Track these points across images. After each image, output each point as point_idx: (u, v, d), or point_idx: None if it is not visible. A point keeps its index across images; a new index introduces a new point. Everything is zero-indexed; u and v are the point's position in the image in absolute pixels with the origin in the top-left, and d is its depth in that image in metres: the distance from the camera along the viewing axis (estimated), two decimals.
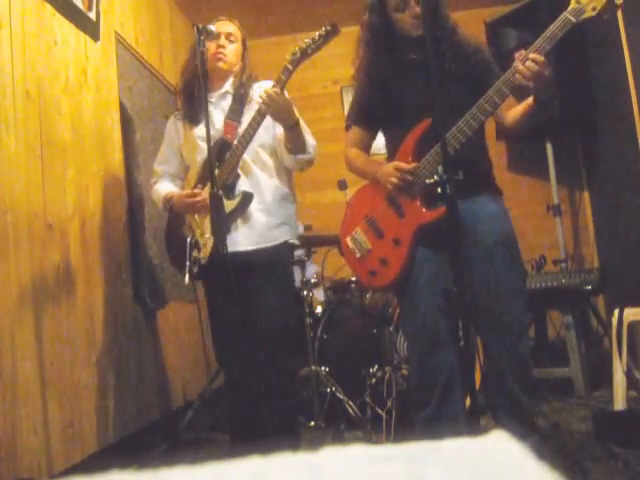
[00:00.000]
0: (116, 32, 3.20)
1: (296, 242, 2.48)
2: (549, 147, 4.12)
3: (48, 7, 2.55)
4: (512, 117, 2.04)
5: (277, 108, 2.16)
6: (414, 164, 1.96)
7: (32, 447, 2.09)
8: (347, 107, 4.99)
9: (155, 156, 2.69)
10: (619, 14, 2.99)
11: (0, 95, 2.17)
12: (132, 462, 2.50)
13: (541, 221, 4.25)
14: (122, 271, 2.98)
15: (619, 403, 2.70)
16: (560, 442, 2.50)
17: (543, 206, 4.16)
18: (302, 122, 2.37)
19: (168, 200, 2.44)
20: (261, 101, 2.16)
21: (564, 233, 4.17)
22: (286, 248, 2.42)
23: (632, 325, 2.72)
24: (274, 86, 2.16)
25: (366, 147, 2.26)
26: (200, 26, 2.10)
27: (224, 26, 2.45)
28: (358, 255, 2.14)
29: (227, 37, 2.45)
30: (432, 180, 1.79)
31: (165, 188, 2.51)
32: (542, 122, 2.13)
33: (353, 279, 3.56)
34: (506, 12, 4.09)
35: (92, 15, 2.91)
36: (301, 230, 3.88)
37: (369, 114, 2.21)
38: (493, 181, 2.15)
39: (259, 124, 2.21)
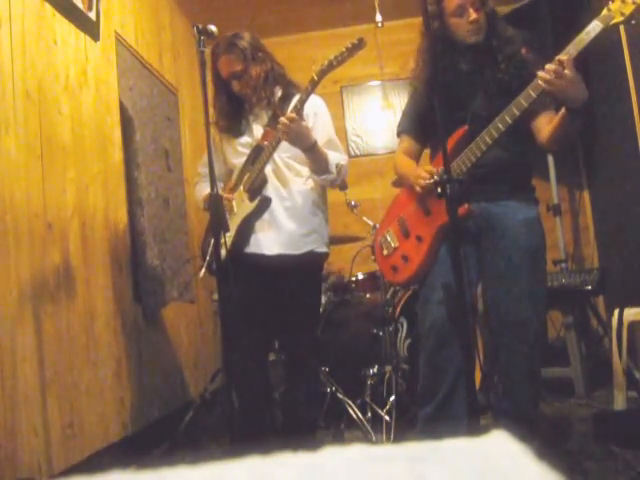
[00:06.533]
0: (116, 32, 3.19)
1: (324, 250, 2.46)
2: None
3: (48, 7, 2.55)
4: (547, 131, 2.00)
5: (292, 136, 2.19)
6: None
7: (32, 447, 2.09)
8: (347, 107, 5.03)
9: (155, 156, 2.69)
10: None
11: (0, 95, 2.17)
12: (132, 462, 2.50)
13: None
14: (122, 271, 2.98)
15: (619, 403, 2.70)
16: (560, 442, 2.50)
17: (543, 206, 4.15)
18: (334, 137, 2.43)
19: (206, 200, 2.52)
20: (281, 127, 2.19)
21: (564, 233, 4.17)
22: (313, 257, 2.42)
23: (632, 325, 2.72)
24: (292, 111, 2.19)
25: (415, 156, 2.28)
26: (200, 26, 2.09)
27: (225, 67, 2.38)
28: (385, 252, 2.21)
29: (232, 76, 2.38)
30: (431, 180, 1.79)
31: (206, 189, 2.56)
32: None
33: (353, 279, 3.57)
34: (506, 12, 4.09)
35: (92, 15, 2.91)
36: None
37: (421, 125, 2.22)
38: (529, 188, 2.14)
39: (278, 143, 2.26)
